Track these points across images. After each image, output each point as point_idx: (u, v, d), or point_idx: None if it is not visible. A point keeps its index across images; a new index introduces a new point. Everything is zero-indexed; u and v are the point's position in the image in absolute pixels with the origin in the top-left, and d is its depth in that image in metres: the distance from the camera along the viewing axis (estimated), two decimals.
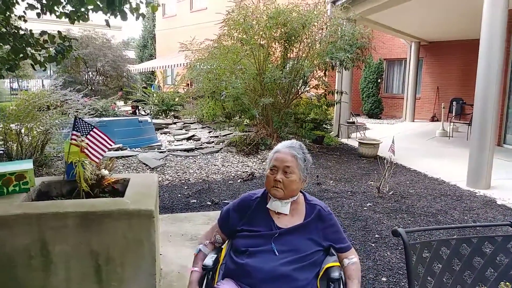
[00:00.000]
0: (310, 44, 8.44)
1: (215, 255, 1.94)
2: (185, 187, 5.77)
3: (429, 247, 1.64)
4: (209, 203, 5.10)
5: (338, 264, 1.83)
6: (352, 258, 1.88)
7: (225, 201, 2.14)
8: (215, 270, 1.89)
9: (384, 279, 3.25)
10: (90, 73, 18.38)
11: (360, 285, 1.82)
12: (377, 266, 3.46)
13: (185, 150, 7.98)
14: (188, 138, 9.81)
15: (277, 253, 1.80)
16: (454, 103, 12.57)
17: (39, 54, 4.92)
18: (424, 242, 1.64)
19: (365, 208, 4.96)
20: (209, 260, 1.89)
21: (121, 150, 7.67)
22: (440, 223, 4.50)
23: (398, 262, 3.53)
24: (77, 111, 6.33)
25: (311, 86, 9.05)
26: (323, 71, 8.52)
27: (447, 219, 4.64)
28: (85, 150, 2.77)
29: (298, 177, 1.90)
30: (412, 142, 10.13)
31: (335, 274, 1.73)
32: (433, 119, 14.21)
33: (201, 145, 8.74)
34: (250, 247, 1.83)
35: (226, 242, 2.03)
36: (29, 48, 4.58)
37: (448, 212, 4.86)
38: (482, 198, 5.48)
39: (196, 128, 11.68)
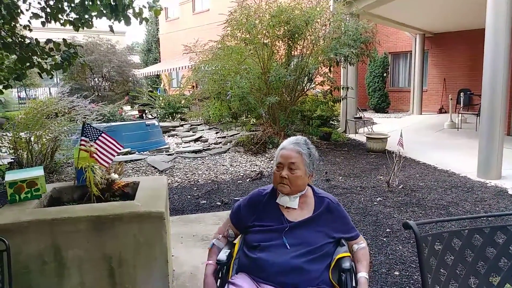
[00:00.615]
0: (314, 41, 8.42)
1: (229, 250, 1.99)
2: (195, 188, 5.79)
3: (441, 239, 1.63)
4: (219, 203, 5.11)
5: (349, 254, 1.87)
6: (361, 244, 1.97)
7: (236, 198, 2.16)
8: (229, 264, 1.94)
9: (396, 273, 3.24)
10: (96, 79, 18.53)
11: (370, 271, 1.89)
12: (390, 260, 3.44)
13: (193, 151, 8.01)
14: (196, 140, 9.85)
15: (288, 246, 1.84)
16: (461, 94, 12.44)
17: (46, 62, 4.96)
18: (436, 234, 1.63)
19: (375, 203, 4.94)
20: (223, 255, 1.93)
21: (130, 154, 7.72)
22: (452, 215, 4.47)
23: (410, 256, 3.51)
24: (85, 117, 6.39)
25: (316, 83, 9.03)
26: (328, 67, 8.50)
27: (458, 210, 4.61)
28: (94, 155, 2.80)
29: (303, 172, 1.94)
30: (421, 135, 10.06)
31: (346, 264, 1.78)
32: (441, 111, 14.09)
33: (209, 146, 8.76)
34: (262, 241, 1.88)
35: (239, 237, 2.08)
36: (35, 57, 4.62)
37: (459, 204, 4.82)
38: (494, 189, 5.43)
39: (203, 130, 11.71)
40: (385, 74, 14.85)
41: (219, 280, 1.92)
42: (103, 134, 2.90)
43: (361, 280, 1.78)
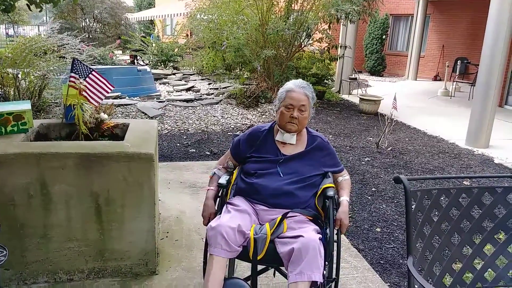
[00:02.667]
0: None
1: (228, 177, 2.21)
2: (184, 137, 5.77)
3: (429, 195, 1.65)
4: (208, 153, 5.11)
5: (333, 185, 2.11)
6: (345, 176, 2.24)
7: (236, 134, 2.34)
8: (227, 188, 2.19)
9: (378, 229, 3.32)
10: (87, 19, 17.88)
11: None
12: (372, 218, 3.52)
13: (184, 100, 7.90)
14: (188, 89, 9.70)
15: (281, 175, 2.09)
16: (458, 62, 12.34)
17: None
18: (425, 190, 1.64)
19: (363, 163, 4.99)
20: (223, 180, 2.16)
21: (120, 98, 7.58)
22: (437, 181, 4.54)
23: (392, 214, 3.59)
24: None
25: (314, 39, 8.82)
26: (328, 24, 8.26)
27: (444, 175, 4.68)
28: (84, 93, 2.72)
29: (308, 113, 2.16)
30: (414, 100, 10.05)
31: (330, 193, 2.02)
32: (436, 78, 14.01)
33: (201, 96, 8.65)
34: (259, 170, 2.12)
35: (237, 168, 2.31)
36: None
37: (445, 169, 4.90)
38: (480, 157, 5.51)
39: (195, 80, 11.51)
40: (384, 37, 14.57)
41: (217, 202, 2.17)
42: (93, 72, 2.80)
43: (343, 202, 2.06)
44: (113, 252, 2.39)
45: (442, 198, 1.66)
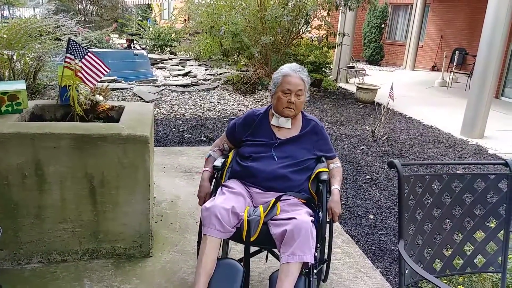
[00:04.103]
0: None
1: (223, 159, 2.25)
2: (180, 122, 5.75)
3: (422, 181, 1.66)
4: (204, 138, 5.11)
5: (327, 169, 2.16)
6: (336, 163, 2.26)
7: (232, 117, 2.36)
8: (223, 171, 2.21)
9: (371, 216, 3.35)
10: (83, 2, 17.62)
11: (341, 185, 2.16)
12: (366, 205, 3.55)
13: (180, 85, 7.86)
14: (184, 74, 9.63)
15: (276, 158, 2.11)
16: (456, 53, 12.31)
17: None
18: (418, 175, 1.65)
19: (358, 151, 5.00)
20: (218, 162, 2.20)
21: (116, 82, 7.53)
22: (431, 169, 4.57)
23: (386, 202, 3.62)
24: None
25: (313, 26, 8.76)
26: (327, 11, 8.21)
27: (438, 162, 4.71)
28: (79, 74, 2.70)
29: (304, 97, 2.18)
30: (410, 90, 10.05)
31: (324, 177, 2.06)
32: (433, 68, 13.99)
33: (197, 81, 8.59)
34: (254, 153, 2.15)
35: (232, 151, 2.33)
36: None
37: (439, 158, 4.93)
38: (474, 147, 5.54)
39: (192, 65, 11.43)
40: (383, 25, 14.49)
41: (213, 184, 2.21)
42: (89, 54, 2.77)
43: (334, 191, 2.09)
44: (107, 233, 2.40)
45: (435, 186, 1.67)
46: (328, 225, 2.08)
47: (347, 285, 2.38)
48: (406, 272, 1.61)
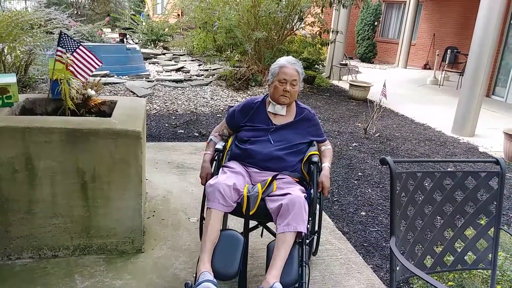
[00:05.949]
0: None
1: (224, 143, 2.48)
2: (173, 118, 5.73)
3: (414, 178, 1.67)
4: (197, 134, 5.09)
5: (317, 153, 2.38)
6: (327, 146, 2.50)
7: (231, 105, 2.68)
8: (223, 153, 2.43)
9: (363, 213, 3.37)
10: None
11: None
12: (358, 201, 3.57)
13: (173, 80, 7.81)
14: (177, 70, 9.58)
15: (272, 142, 2.34)
16: (448, 51, 12.39)
17: None
18: (410, 173, 1.66)
19: (350, 148, 5.02)
20: (219, 145, 2.45)
21: (108, 76, 7.46)
22: (423, 166, 4.61)
23: (378, 199, 3.64)
24: None
25: (306, 23, 8.76)
26: (321, 8, 8.21)
27: (429, 159, 4.75)
28: (71, 68, 2.67)
29: (298, 87, 2.39)
30: (403, 88, 10.10)
31: (315, 159, 2.30)
32: (426, 67, 14.07)
33: (190, 77, 8.55)
34: (252, 137, 2.36)
35: (231, 136, 2.54)
36: None
37: (430, 156, 4.96)
38: (465, 145, 5.59)
39: (185, 60, 11.36)
40: (376, 23, 14.53)
41: (214, 165, 2.40)
42: (81, 47, 2.75)
43: (325, 167, 2.33)
44: (99, 229, 2.39)
45: (426, 183, 1.69)
46: (318, 200, 2.28)
47: (338, 281, 2.39)
48: (397, 268, 1.63)
